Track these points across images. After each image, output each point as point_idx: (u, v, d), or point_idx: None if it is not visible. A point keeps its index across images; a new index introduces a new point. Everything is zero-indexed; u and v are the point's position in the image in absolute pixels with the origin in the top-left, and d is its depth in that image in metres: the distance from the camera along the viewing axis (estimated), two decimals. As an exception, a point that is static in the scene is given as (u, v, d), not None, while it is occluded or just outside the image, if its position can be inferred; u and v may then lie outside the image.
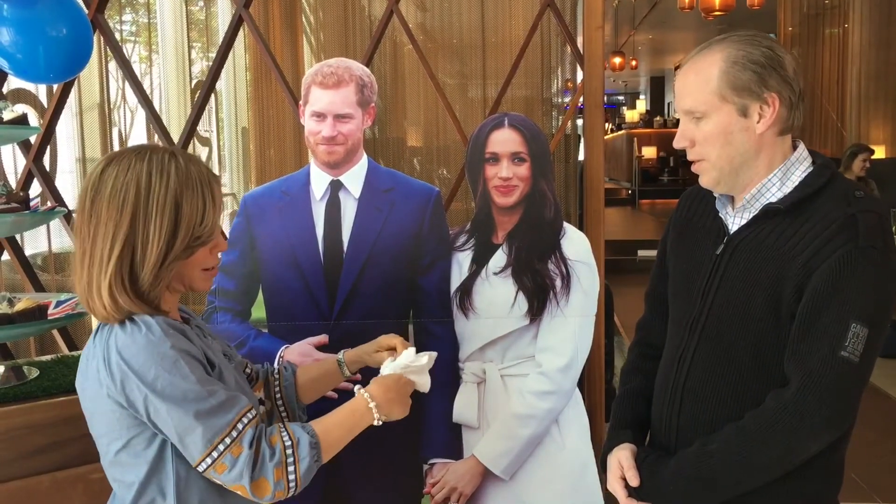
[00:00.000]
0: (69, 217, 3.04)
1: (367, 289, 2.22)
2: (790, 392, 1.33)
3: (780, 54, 1.40)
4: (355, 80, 2.21)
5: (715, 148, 1.42)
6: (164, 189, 1.35)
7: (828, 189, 1.40)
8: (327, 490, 2.13)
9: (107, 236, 1.34)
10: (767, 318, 1.39)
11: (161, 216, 1.34)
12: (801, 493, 1.42)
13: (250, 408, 1.38)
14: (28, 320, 2.08)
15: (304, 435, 1.40)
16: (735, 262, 1.44)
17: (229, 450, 1.33)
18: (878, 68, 8.68)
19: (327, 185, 2.26)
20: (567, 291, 2.23)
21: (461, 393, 2.28)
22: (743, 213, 1.47)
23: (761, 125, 1.39)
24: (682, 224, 1.61)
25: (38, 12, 2.28)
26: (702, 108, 1.41)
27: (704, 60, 1.41)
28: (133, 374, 1.31)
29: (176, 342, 1.34)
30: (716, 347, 1.46)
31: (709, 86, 1.40)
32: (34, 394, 2.12)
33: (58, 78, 2.49)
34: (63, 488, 2.06)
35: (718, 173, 1.44)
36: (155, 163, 1.36)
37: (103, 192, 1.35)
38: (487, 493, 2.25)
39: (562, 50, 5.56)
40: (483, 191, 2.27)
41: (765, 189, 1.43)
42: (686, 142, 1.45)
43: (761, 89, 1.38)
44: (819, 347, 1.32)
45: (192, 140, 3.03)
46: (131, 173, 1.35)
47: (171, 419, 1.32)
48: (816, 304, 1.32)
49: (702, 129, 1.42)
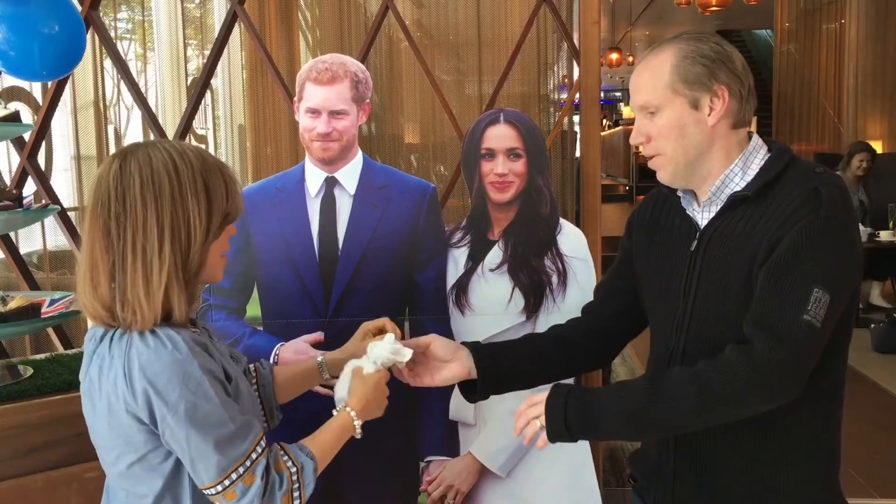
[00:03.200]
0: (63, 214, 3.03)
1: (363, 286, 2.21)
2: (755, 351, 1.33)
3: (728, 50, 1.45)
4: (350, 76, 2.20)
5: (670, 141, 1.46)
6: (191, 171, 1.32)
7: (789, 170, 1.44)
8: (324, 488, 2.12)
9: (151, 228, 1.29)
10: (741, 302, 1.40)
11: (196, 197, 1.32)
12: (801, 474, 1.44)
13: (262, 435, 1.37)
14: (21, 319, 2.07)
15: (308, 461, 1.40)
16: (710, 255, 1.46)
17: (242, 479, 1.32)
18: (875, 64, 8.68)
19: (322, 182, 2.25)
20: (563, 288, 2.22)
21: (457, 390, 2.27)
22: (710, 207, 1.49)
23: (712, 117, 1.43)
24: (649, 225, 1.63)
25: (31, 9, 2.27)
26: (655, 103, 1.45)
27: (657, 57, 1.46)
28: (156, 393, 1.28)
29: (202, 361, 1.31)
30: (704, 342, 1.46)
31: (661, 80, 1.44)
32: (28, 392, 2.11)
33: (51, 75, 2.48)
34: (57, 487, 2.05)
35: (674, 167, 1.48)
36: (172, 149, 1.34)
37: (133, 188, 1.30)
38: (484, 491, 2.24)
39: (558, 46, 5.55)
40: (479, 187, 2.26)
41: (728, 180, 1.46)
42: (642, 137, 1.49)
43: (711, 82, 1.42)
44: (783, 310, 1.33)
45: (189, 137, 3.02)
46: (156, 162, 1.31)
47: (189, 443, 1.29)
48: (779, 269, 1.35)
49: (656, 123, 1.46)
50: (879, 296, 7.11)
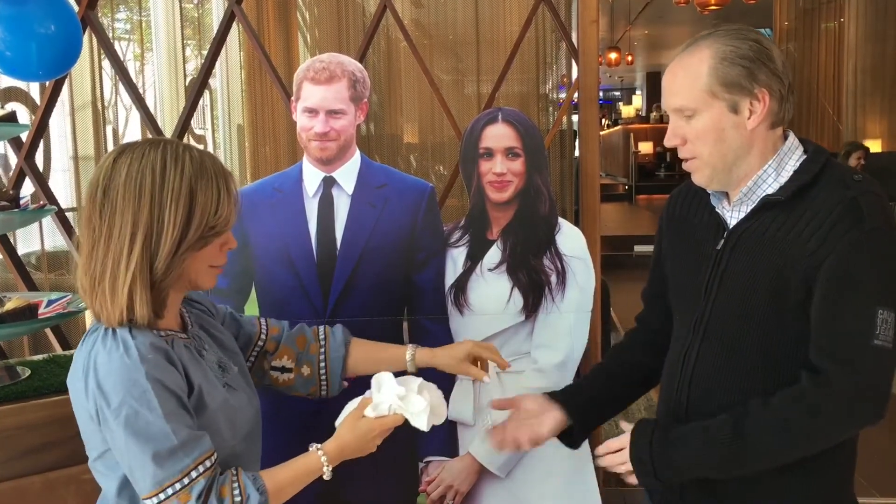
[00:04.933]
0: (61, 215, 3.02)
1: (361, 286, 2.21)
2: (832, 384, 1.31)
3: (768, 47, 1.39)
4: (347, 75, 2.19)
5: (707, 145, 1.41)
6: (180, 176, 1.31)
7: (825, 174, 1.39)
8: (322, 488, 2.11)
9: (125, 224, 1.29)
10: (772, 310, 1.37)
11: (176, 203, 1.31)
12: (818, 480, 1.43)
13: (210, 454, 1.32)
14: (18, 319, 2.06)
15: (256, 495, 1.34)
16: (736, 256, 1.42)
17: (177, 496, 1.29)
18: (874, 62, 8.68)
19: (320, 182, 2.24)
20: (562, 287, 2.22)
21: (456, 390, 2.27)
22: (741, 207, 1.45)
23: (752, 121, 1.38)
24: (678, 223, 1.59)
25: (28, 9, 2.26)
26: (692, 106, 1.40)
27: (693, 57, 1.40)
28: (101, 395, 1.28)
29: (151, 369, 1.29)
30: (720, 343, 1.44)
31: (698, 83, 1.38)
32: (25, 394, 2.10)
33: (48, 75, 2.47)
34: (55, 489, 2.05)
35: (711, 171, 1.43)
36: (169, 151, 1.33)
37: (117, 181, 1.31)
38: (483, 491, 2.24)
39: (557, 45, 5.55)
40: (477, 186, 2.26)
41: (760, 181, 1.42)
42: (678, 139, 1.44)
43: (751, 84, 1.37)
44: (851, 338, 1.30)
45: (187, 137, 3.01)
46: (146, 160, 1.31)
47: (127, 450, 1.28)
48: (836, 293, 1.31)
49: (693, 126, 1.41)
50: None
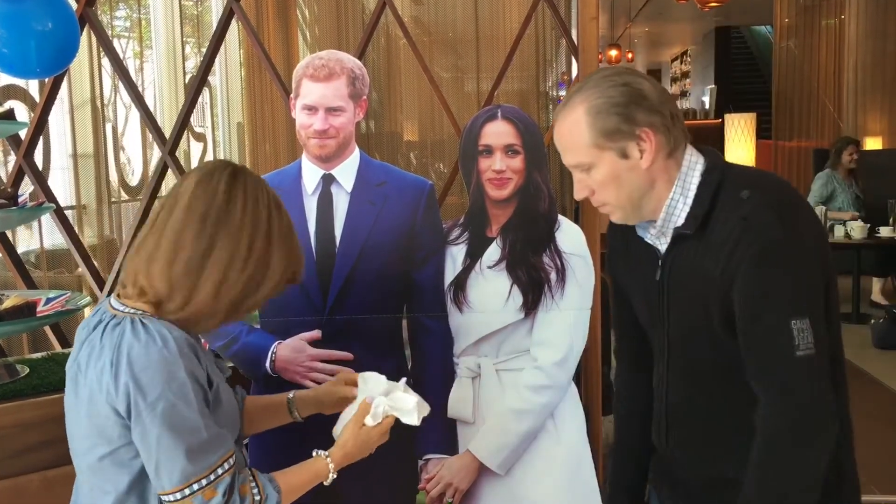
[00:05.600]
0: (60, 213, 3.02)
1: (360, 283, 2.20)
2: (773, 412, 1.36)
3: (638, 86, 1.42)
4: (347, 72, 2.18)
5: (611, 192, 1.47)
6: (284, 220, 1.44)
7: (721, 194, 1.43)
8: (321, 487, 2.11)
9: (242, 246, 1.36)
10: (715, 332, 1.44)
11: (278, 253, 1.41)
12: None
13: (231, 453, 1.37)
14: (16, 317, 2.06)
15: (274, 494, 1.41)
16: (672, 283, 1.50)
17: (203, 491, 1.32)
18: (874, 59, 8.67)
19: (319, 179, 2.24)
20: (562, 285, 2.21)
21: (456, 388, 2.26)
22: (661, 237, 1.52)
23: (645, 160, 1.43)
24: (623, 256, 1.66)
25: (26, 7, 2.26)
26: (586, 161, 1.45)
27: (571, 115, 1.45)
28: (137, 388, 1.29)
29: (188, 364, 1.32)
30: (683, 368, 1.53)
31: (582, 139, 1.44)
32: (24, 392, 2.10)
33: (46, 73, 2.47)
34: (53, 487, 2.04)
35: (623, 212, 1.51)
36: (272, 202, 1.43)
37: (235, 207, 1.36)
38: (483, 489, 2.23)
39: (557, 42, 5.55)
40: (476, 184, 2.25)
41: (671, 209, 1.48)
42: (586, 191, 1.50)
43: (631, 128, 1.41)
44: (775, 358, 1.35)
45: (187, 135, 3.01)
46: (260, 204, 1.40)
47: (159, 444, 1.29)
48: (748, 314, 1.37)
49: (594, 178, 1.47)
50: (880, 292, 7.10)
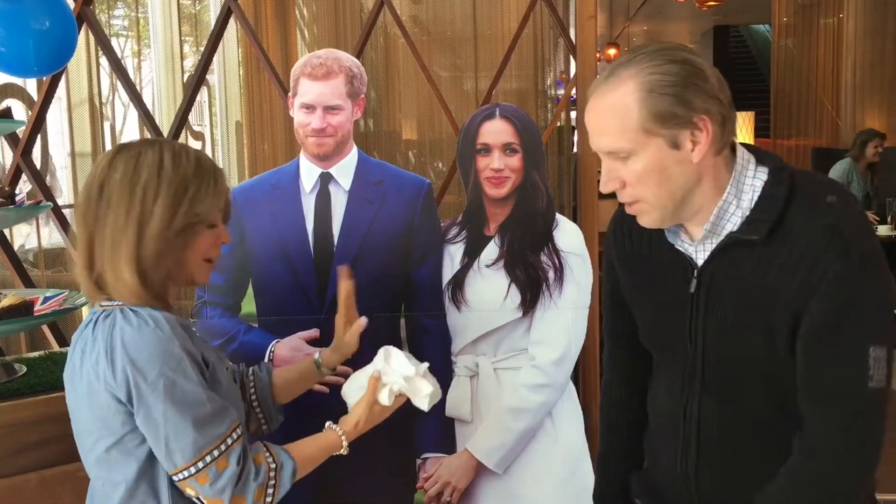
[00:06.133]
0: (58, 211, 3.01)
1: (358, 282, 2.18)
2: (825, 444, 1.22)
3: (700, 66, 1.22)
4: (344, 71, 2.18)
5: (650, 188, 1.25)
6: (174, 171, 1.37)
7: (796, 198, 1.24)
8: (319, 485, 2.11)
9: (119, 216, 1.34)
10: (770, 352, 1.26)
11: (166, 192, 1.36)
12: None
13: (238, 423, 1.37)
14: (13, 316, 2.06)
15: (289, 461, 1.41)
16: (715, 298, 1.29)
17: (216, 462, 1.32)
18: (873, 58, 8.66)
19: (317, 178, 2.24)
20: (560, 283, 2.21)
21: (454, 387, 2.26)
22: (705, 243, 1.31)
23: (697, 153, 1.22)
24: (633, 261, 1.45)
25: (23, 6, 2.25)
26: (627, 147, 1.23)
27: (616, 91, 1.23)
28: (135, 371, 1.29)
29: (183, 342, 1.33)
30: (723, 394, 1.33)
31: (629, 121, 1.22)
32: (21, 391, 2.10)
33: (43, 71, 2.46)
34: (51, 486, 2.04)
35: (661, 212, 1.29)
36: (166, 149, 1.39)
37: (114, 178, 1.36)
38: (481, 487, 2.23)
39: (555, 41, 5.54)
40: (474, 182, 2.25)
41: (723, 212, 1.28)
42: (616, 183, 1.28)
43: (688, 113, 1.20)
44: (846, 385, 1.20)
45: (185, 134, 3.01)
46: (143, 158, 1.37)
47: (166, 420, 1.30)
48: (825, 332, 1.20)
49: (631, 168, 1.25)
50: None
